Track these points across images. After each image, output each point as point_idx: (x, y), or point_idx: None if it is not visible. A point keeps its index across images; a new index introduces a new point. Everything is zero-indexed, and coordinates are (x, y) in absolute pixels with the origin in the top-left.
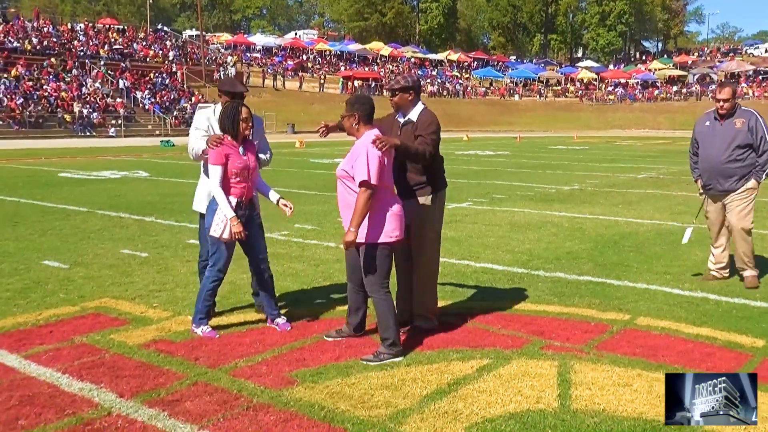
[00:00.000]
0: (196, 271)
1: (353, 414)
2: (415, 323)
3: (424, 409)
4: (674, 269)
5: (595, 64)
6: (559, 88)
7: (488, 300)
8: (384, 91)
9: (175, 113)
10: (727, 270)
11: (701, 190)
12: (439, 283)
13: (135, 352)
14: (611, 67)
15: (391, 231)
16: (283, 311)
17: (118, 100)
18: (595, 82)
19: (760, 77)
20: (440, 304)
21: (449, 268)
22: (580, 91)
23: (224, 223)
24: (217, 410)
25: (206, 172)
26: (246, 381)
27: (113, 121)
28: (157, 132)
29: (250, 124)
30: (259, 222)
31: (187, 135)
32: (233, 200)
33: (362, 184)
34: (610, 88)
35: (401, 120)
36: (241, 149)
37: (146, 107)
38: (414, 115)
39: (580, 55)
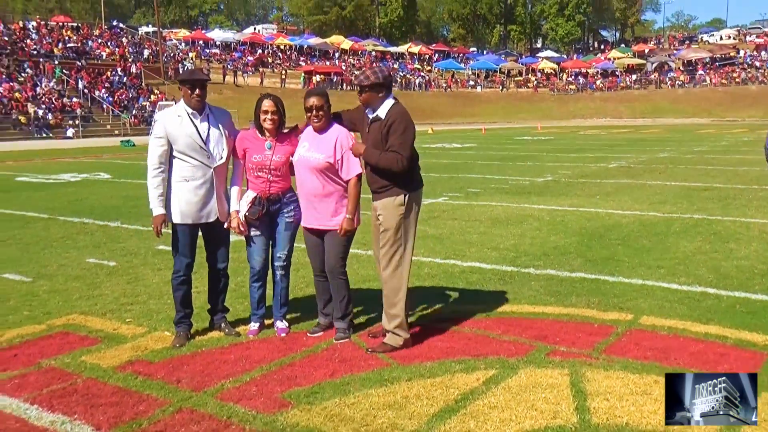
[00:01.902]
0: (170, 280)
1: None
2: (383, 341)
3: (433, 430)
4: (666, 262)
5: (555, 54)
6: (520, 78)
7: (482, 302)
8: (346, 85)
9: (134, 112)
10: None
11: None
12: (428, 285)
13: (110, 375)
14: (569, 57)
15: (359, 218)
16: (254, 324)
17: (75, 99)
18: (555, 72)
19: (717, 64)
20: (433, 307)
21: (436, 268)
22: (541, 82)
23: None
24: None
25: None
26: (235, 405)
27: (70, 122)
28: (117, 132)
29: (275, 117)
30: (289, 220)
31: (148, 134)
32: (251, 194)
33: (359, 176)
34: (570, 78)
35: (370, 116)
36: (267, 144)
37: (104, 106)
38: (382, 111)
39: (539, 45)
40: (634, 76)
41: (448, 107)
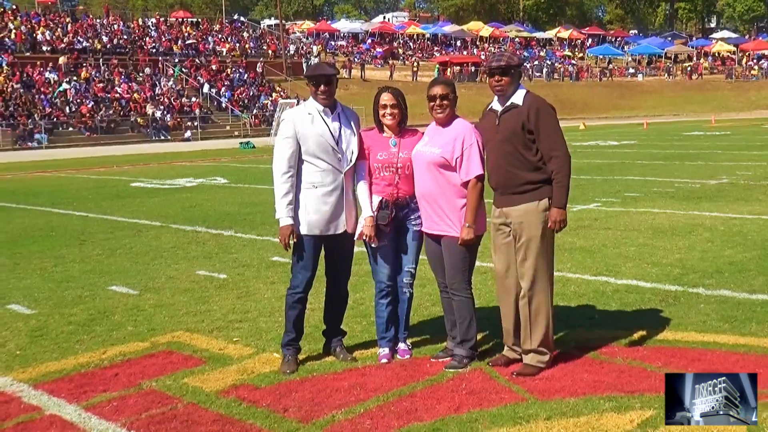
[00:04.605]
0: (283, 295)
1: None
2: (524, 362)
3: None
4: None
5: (732, 35)
6: (690, 64)
7: (639, 327)
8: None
9: (254, 111)
10: None
11: None
12: (575, 306)
13: (212, 401)
14: (752, 37)
15: (483, 224)
16: (384, 349)
17: (194, 99)
18: (733, 56)
19: None
20: (579, 332)
21: (584, 286)
22: (716, 67)
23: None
24: None
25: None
26: None
27: (188, 123)
28: (236, 133)
29: (396, 111)
30: (416, 229)
31: (269, 135)
32: (376, 199)
33: (479, 178)
34: (751, 62)
35: (498, 108)
36: (392, 141)
37: (223, 106)
38: (518, 98)
39: (713, 25)
40: None
41: (603, 99)
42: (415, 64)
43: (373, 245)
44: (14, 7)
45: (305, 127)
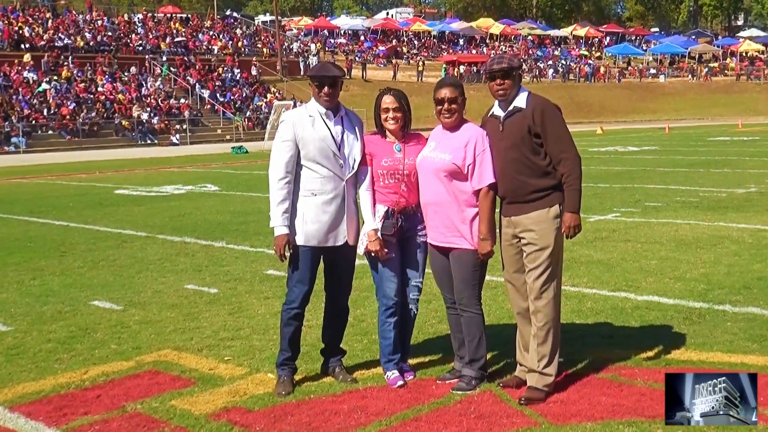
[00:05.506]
0: (278, 311)
1: None
2: (529, 385)
3: None
4: None
5: (761, 33)
6: (716, 64)
7: (660, 347)
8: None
9: (248, 114)
10: None
11: None
12: (591, 323)
13: (202, 425)
14: None
15: (494, 236)
16: (394, 372)
17: (183, 100)
18: (762, 56)
19: None
20: (596, 352)
21: (602, 302)
22: (743, 68)
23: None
24: None
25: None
26: None
27: (177, 126)
28: (228, 137)
29: (398, 115)
30: (423, 239)
31: (263, 139)
32: (381, 208)
33: (491, 186)
34: None
35: (500, 113)
36: (396, 146)
37: (214, 108)
38: (521, 101)
39: (741, 23)
40: None
41: (622, 101)
42: (421, 63)
43: (382, 259)
44: None
45: (305, 130)
